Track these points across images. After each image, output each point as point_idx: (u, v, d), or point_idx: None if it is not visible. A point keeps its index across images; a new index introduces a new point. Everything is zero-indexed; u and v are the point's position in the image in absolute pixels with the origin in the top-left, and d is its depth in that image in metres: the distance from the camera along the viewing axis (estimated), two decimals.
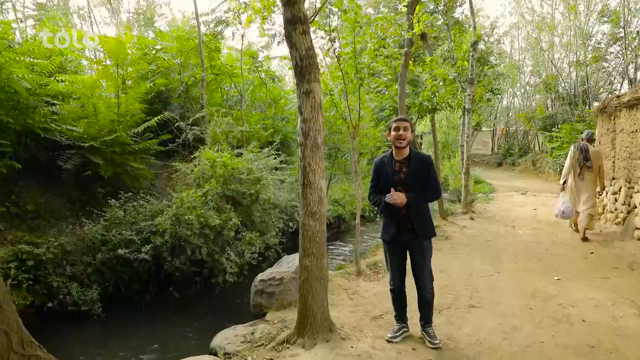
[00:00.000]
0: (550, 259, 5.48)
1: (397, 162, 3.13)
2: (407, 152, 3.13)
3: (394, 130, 3.07)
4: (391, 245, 3.22)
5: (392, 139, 3.10)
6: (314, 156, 3.13)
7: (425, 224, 3.15)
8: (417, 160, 3.11)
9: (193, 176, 5.68)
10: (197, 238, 4.93)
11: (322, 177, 3.20)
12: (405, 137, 3.05)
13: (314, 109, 3.12)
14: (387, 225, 3.23)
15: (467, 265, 5.29)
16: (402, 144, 3.05)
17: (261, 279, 4.18)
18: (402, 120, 3.09)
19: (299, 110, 3.16)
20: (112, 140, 6.55)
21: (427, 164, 3.13)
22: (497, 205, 10.50)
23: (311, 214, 3.16)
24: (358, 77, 4.77)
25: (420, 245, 3.14)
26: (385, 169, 3.15)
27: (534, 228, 7.56)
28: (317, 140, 3.13)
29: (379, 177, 3.20)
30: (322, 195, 3.19)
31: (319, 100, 3.17)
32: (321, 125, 3.17)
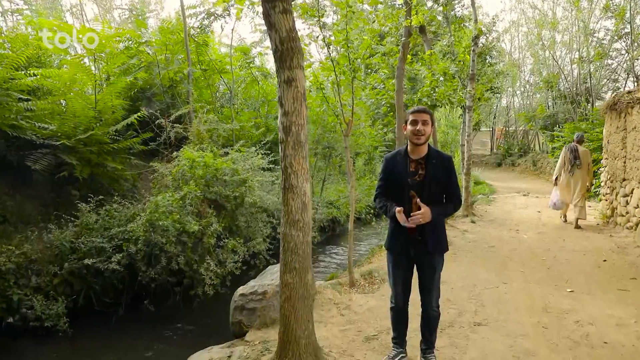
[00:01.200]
0: (560, 268, 5.05)
1: (412, 161, 2.63)
2: (425, 150, 2.62)
3: (410, 124, 2.57)
4: (397, 257, 2.75)
5: (408, 134, 2.60)
6: (296, 155, 2.68)
7: (439, 238, 2.68)
8: (438, 161, 2.61)
9: (171, 178, 5.22)
10: (174, 246, 4.47)
11: (306, 180, 2.75)
12: (424, 133, 2.53)
13: (297, 100, 2.67)
14: (394, 233, 2.73)
15: (470, 274, 4.86)
16: (420, 140, 2.54)
17: (241, 293, 3.73)
18: (421, 112, 2.56)
19: (279, 101, 2.71)
20: (88, 139, 6.09)
21: (449, 166, 2.64)
22: (498, 207, 10.07)
23: (293, 223, 2.72)
24: (351, 69, 4.32)
25: (431, 260, 2.68)
26: (397, 168, 2.65)
27: (540, 232, 7.13)
28: (300, 137, 2.68)
29: (389, 177, 2.72)
30: (306, 201, 2.75)
31: (303, 90, 2.72)
32: (305, 119, 2.73)
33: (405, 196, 2.59)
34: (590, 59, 13.71)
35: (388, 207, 2.64)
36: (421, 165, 2.62)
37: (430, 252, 2.66)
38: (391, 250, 2.78)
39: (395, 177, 2.67)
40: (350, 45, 4.27)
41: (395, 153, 2.77)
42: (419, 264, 2.75)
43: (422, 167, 2.62)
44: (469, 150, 8.59)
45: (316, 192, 9.37)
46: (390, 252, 2.79)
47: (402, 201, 2.62)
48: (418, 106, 2.67)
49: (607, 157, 7.71)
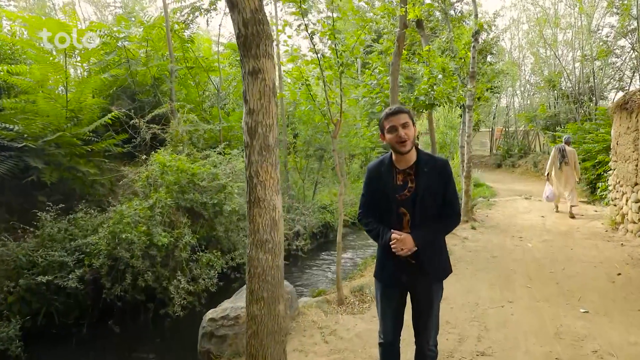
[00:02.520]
0: (570, 282, 4.59)
1: (399, 172, 2.16)
2: (413, 157, 2.16)
3: (388, 132, 2.10)
4: (387, 287, 2.29)
5: (390, 144, 2.13)
6: (263, 162, 2.22)
7: (439, 260, 2.23)
8: (431, 169, 2.13)
9: (140, 184, 4.74)
10: (141, 260, 4.00)
11: (277, 192, 2.29)
12: (408, 137, 2.07)
13: (264, 96, 2.21)
14: (383, 258, 2.27)
15: (471, 291, 4.39)
16: (405, 147, 2.07)
17: (211, 317, 3.27)
18: (398, 114, 2.08)
19: (244, 97, 2.25)
20: (56, 141, 5.62)
21: (445, 174, 2.17)
22: (500, 211, 9.61)
23: (260, 244, 2.25)
24: (338, 63, 3.86)
25: (428, 289, 2.22)
26: (382, 181, 2.19)
27: (545, 240, 6.67)
28: (268, 140, 2.22)
29: (374, 191, 2.25)
30: (277, 217, 2.28)
31: (272, 83, 2.25)
32: (275, 118, 2.26)
33: (394, 215, 2.15)
34: (594, 57, 13.26)
35: (380, 232, 2.18)
36: (410, 176, 2.15)
37: (426, 279, 2.20)
38: (380, 277, 2.32)
39: (380, 192, 2.21)
40: (337, 36, 3.80)
41: (379, 162, 2.29)
42: (414, 294, 2.29)
43: (411, 178, 2.15)
44: (470, 152, 8.13)
45: (308, 196, 8.91)
46: (379, 280, 2.33)
47: (390, 220, 2.17)
48: (391, 107, 2.16)
49: (616, 159, 7.26)
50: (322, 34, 3.86)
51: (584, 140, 11.34)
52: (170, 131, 5.65)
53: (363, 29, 3.88)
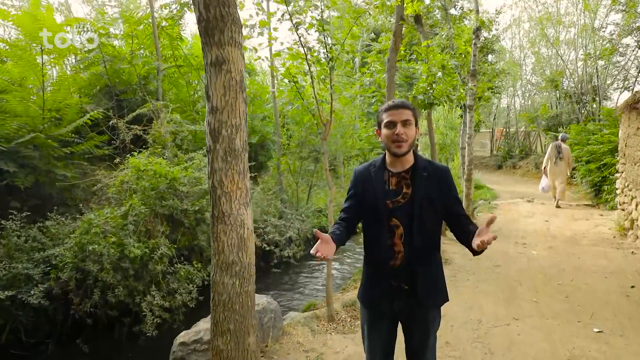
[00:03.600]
0: (580, 296, 4.24)
1: (393, 175, 1.83)
2: (410, 161, 1.83)
3: (385, 127, 1.78)
4: (375, 313, 1.94)
5: (385, 142, 1.81)
6: (229, 170, 1.87)
7: (435, 284, 1.89)
8: (430, 174, 1.81)
9: (113, 190, 4.39)
10: (112, 274, 3.65)
11: (246, 205, 1.94)
12: (407, 138, 1.75)
13: (230, 91, 1.87)
14: (370, 280, 1.93)
15: (473, 306, 4.05)
16: (401, 148, 1.76)
17: (182, 341, 2.92)
18: (400, 108, 1.76)
19: (206, 92, 1.90)
20: (31, 142, 5.28)
21: (447, 181, 1.84)
22: (501, 215, 9.25)
23: (225, 267, 1.91)
24: (327, 57, 3.51)
25: (424, 317, 1.89)
26: (371, 186, 1.85)
27: (550, 247, 6.32)
28: (234, 144, 1.88)
29: (360, 199, 1.89)
30: (246, 235, 1.94)
31: (239, 76, 1.91)
32: (243, 118, 1.92)
33: (384, 227, 1.79)
34: (598, 56, 12.91)
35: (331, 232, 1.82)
36: (405, 180, 1.81)
37: (422, 306, 1.85)
38: (366, 303, 1.96)
39: (368, 199, 1.85)
40: (326, 28, 3.46)
41: (368, 164, 1.94)
42: (407, 323, 1.94)
43: (406, 183, 1.81)
44: (471, 154, 7.78)
45: (302, 199, 8.56)
46: (365, 307, 1.97)
47: (379, 233, 1.82)
48: (395, 100, 1.83)
49: (625, 162, 6.91)
50: (309, 26, 3.52)
51: (587, 142, 10.97)
52: (152, 132, 5.31)
53: (355, 19, 3.53)
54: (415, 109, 1.86)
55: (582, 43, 14.26)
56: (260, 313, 3.18)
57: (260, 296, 3.45)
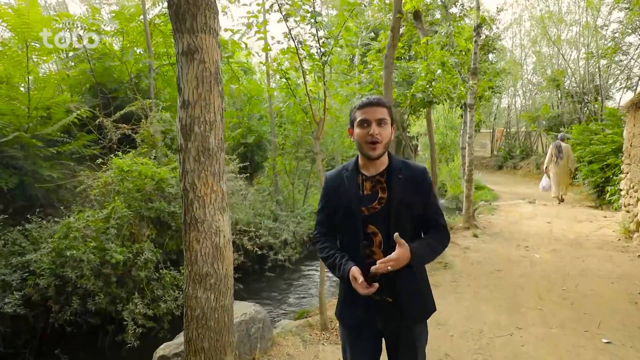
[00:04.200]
0: (586, 303, 4.05)
1: (366, 179, 1.67)
2: (385, 163, 1.68)
3: (359, 127, 1.62)
4: (355, 332, 1.75)
5: (358, 142, 1.65)
6: (202, 171, 1.68)
7: (420, 295, 1.71)
8: (406, 176, 1.66)
9: (95, 192, 4.20)
10: (93, 280, 3.46)
11: (222, 210, 1.75)
12: (382, 139, 1.60)
13: (203, 84, 1.67)
14: (348, 295, 1.74)
15: (474, 313, 3.85)
16: (376, 150, 1.61)
17: (162, 354, 2.73)
18: (375, 106, 1.61)
19: (177, 85, 1.71)
20: (14, 141, 5.09)
21: (424, 182, 1.68)
22: (503, 217, 9.06)
23: (199, 279, 1.71)
24: (320, 52, 3.32)
25: (410, 333, 1.71)
26: (343, 191, 1.69)
27: (553, 250, 6.13)
28: (208, 142, 1.69)
29: (333, 207, 1.74)
30: (222, 243, 1.74)
31: (215, 68, 1.72)
32: (219, 113, 1.73)
33: (361, 235, 1.63)
34: (601, 55, 12.71)
35: (337, 262, 1.65)
36: (381, 184, 1.65)
37: (408, 320, 1.67)
38: (345, 322, 1.77)
39: (341, 206, 1.68)
40: (318, 21, 3.27)
41: (340, 169, 1.78)
42: (392, 340, 1.76)
43: (382, 187, 1.65)
44: (471, 154, 7.58)
45: (299, 200, 8.36)
46: (345, 326, 1.78)
47: (356, 243, 1.65)
48: (369, 97, 1.66)
49: (630, 162, 6.72)
50: (301, 19, 3.32)
51: (590, 142, 10.77)
52: (141, 131, 5.12)
53: (349, 12, 3.34)
54: (391, 107, 1.70)
55: (583, 42, 14.07)
56: (247, 323, 2.99)
57: (247, 304, 3.26)
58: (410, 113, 5.84)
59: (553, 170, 9.52)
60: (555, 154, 9.40)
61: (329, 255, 1.70)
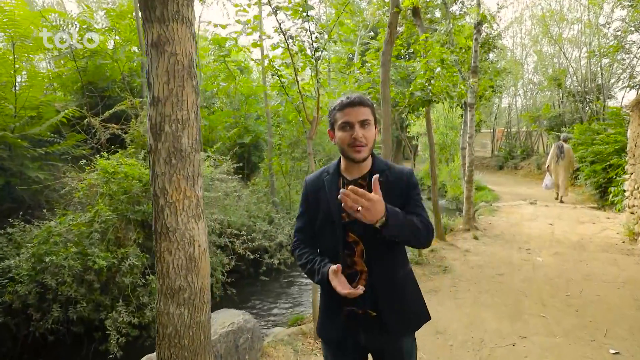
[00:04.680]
0: (592, 310, 3.88)
1: (348, 183, 1.53)
2: (367, 165, 1.55)
3: (341, 129, 1.48)
4: (337, 349, 1.60)
5: (341, 145, 1.50)
6: (174, 174, 1.52)
7: (408, 306, 1.56)
8: (391, 179, 1.52)
9: (80, 194, 4.03)
10: (75, 287, 3.30)
11: (197, 217, 1.59)
12: (367, 142, 1.47)
13: (175, 78, 1.52)
14: (329, 309, 1.60)
15: (475, 321, 3.69)
16: (360, 154, 1.47)
17: None
18: (356, 106, 1.47)
19: (147, 80, 1.55)
20: (1, 142, 4.94)
21: (408, 185, 1.54)
22: (503, 218, 8.90)
23: (171, 293, 1.56)
24: (312, 47, 3.16)
25: (398, 348, 1.55)
26: (325, 197, 1.55)
27: (556, 253, 5.96)
28: (180, 142, 1.53)
29: (313, 213, 1.60)
30: (197, 254, 1.59)
31: (188, 60, 1.56)
32: (193, 110, 1.57)
33: (341, 244, 1.51)
34: (603, 53, 12.54)
35: (316, 267, 1.51)
36: (363, 187, 1.48)
37: (393, 335, 1.52)
38: (328, 338, 1.63)
39: (320, 212, 1.56)
40: (310, 17, 3.11)
41: (320, 173, 1.65)
42: (378, 357, 1.60)
43: None
44: (472, 154, 7.42)
45: (296, 201, 8.20)
46: (327, 342, 1.64)
47: (333, 253, 1.53)
48: (350, 95, 1.51)
49: (635, 162, 6.55)
50: (294, 13, 3.16)
51: (592, 142, 10.61)
52: (130, 131, 4.96)
53: (343, 5, 3.18)
54: (373, 105, 1.55)
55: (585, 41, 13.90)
56: (235, 334, 2.83)
57: (236, 313, 3.10)
58: (409, 112, 5.66)
59: (555, 170, 9.97)
60: (558, 154, 9.82)
61: (308, 260, 1.57)
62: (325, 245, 1.57)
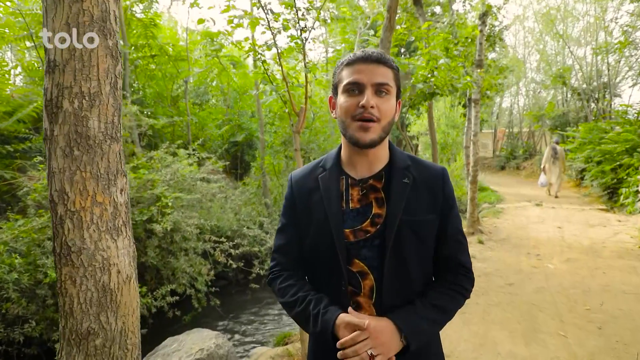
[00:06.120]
0: (617, 328, 3.43)
1: (353, 184, 1.06)
2: (383, 159, 1.07)
3: (345, 93, 1.01)
4: None
5: (342, 119, 1.02)
6: (77, 172, 1.07)
7: None
8: (416, 181, 1.04)
9: (35, 196, 3.59)
10: (23, 304, 2.85)
11: (117, 231, 1.14)
12: (381, 116, 1.00)
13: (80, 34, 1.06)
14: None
15: (485, 342, 3.24)
16: (368, 132, 0.99)
17: None
18: (373, 62, 1.00)
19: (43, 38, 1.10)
20: None
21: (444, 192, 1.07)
22: (509, 221, 8.45)
23: (77, 340, 1.10)
24: (299, 27, 2.72)
25: None
26: (317, 203, 1.07)
27: (568, 259, 5.52)
28: (86, 126, 1.08)
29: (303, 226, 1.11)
30: (114, 283, 1.14)
31: (102, 11, 1.10)
32: (108, 82, 1.11)
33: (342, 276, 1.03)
34: (610, 50, 12.11)
35: (311, 309, 1.03)
36: (377, 193, 1.05)
37: None
38: None
39: (313, 225, 1.08)
40: None
41: (311, 168, 1.15)
42: None
43: (378, 197, 1.05)
44: (476, 153, 6.97)
45: None
46: None
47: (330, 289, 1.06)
48: (365, 49, 1.04)
49: None
50: None
51: (600, 141, 10.17)
52: None
53: None
54: (397, 67, 1.06)
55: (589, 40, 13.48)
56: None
57: (208, 335, 2.65)
58: (410, 107, 5.22)
59: (549, 169, 10.79)
60: (552, 155, 10.57)
61: (297, 299, 1.06)
62: (317, 275, 1.11)
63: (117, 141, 1.11)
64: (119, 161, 1.12)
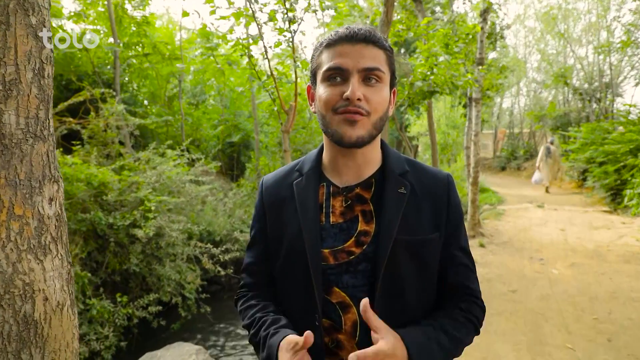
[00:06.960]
0: (627, 339, 3.24)
1: (336, 193, 0.86)
2: (374, 162, 0.87)
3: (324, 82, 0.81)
4: None
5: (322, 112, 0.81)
6: None
7: None
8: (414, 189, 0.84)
9: None
10: None
11: (45, 249, 0.94)
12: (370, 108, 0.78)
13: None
14: None
15: (488, 356, 3.04)
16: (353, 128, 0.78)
17: None
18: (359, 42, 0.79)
19: None
20: None
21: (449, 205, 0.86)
22: (510, 223, 8.25)
23: None
24: (287, 17, 2.52)
25: None
26: (292, 216, 0.87)
27: (573, 264, 5.32)
28: (1, 122, 0.87)
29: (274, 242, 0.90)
30: (39, 314, 0.94)
31: None
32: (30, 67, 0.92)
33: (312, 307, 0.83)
34: (612, 49, 11.93)
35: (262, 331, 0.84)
36: (364, 205, 0.85)
37: None
38: None
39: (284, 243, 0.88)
40: None
41: (286, 172, 0.95)
42: None
43: (365, 210, 0.85)
44: (477, 154, 6.78)
45: None
46: None
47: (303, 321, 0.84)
48: (349, 26, 0.82)
49: None
50: None
51: (603, 141, 9.97)
52: (90, 126, 4.32)
53: None
54: (390, 48, 0.86)
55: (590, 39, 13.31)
56: None
57: (188, 350, 2.45)
58: (409, 106, 5.02)
59: (543, 167, 11.63)
60: (545, 154, 11.47)
61: (253, 320, 0.89)
62: (291, 303, 0.90)
63: (43, 140, 0.92)
64: (46, 164, 0.93)
